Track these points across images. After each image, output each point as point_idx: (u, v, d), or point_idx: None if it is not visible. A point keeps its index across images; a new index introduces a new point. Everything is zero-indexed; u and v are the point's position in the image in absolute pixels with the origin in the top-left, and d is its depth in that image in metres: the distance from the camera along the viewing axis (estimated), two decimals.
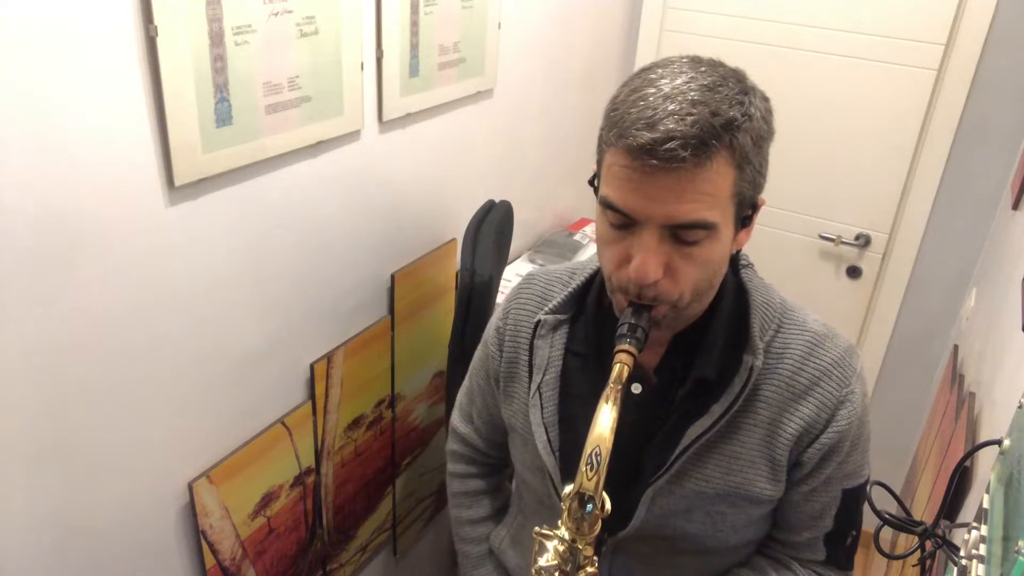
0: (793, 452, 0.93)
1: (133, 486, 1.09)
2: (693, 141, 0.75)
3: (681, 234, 0.80)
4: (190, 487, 1.17)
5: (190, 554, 1.22)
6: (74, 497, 1.01)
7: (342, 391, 1.45)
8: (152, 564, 1.16)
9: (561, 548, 0.81)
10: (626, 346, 0.81)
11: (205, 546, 1.22)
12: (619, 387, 0.79)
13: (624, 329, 0.82)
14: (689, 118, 0.76)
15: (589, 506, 0.77)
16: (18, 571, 0.97)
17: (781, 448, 0.92)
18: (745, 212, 0.85)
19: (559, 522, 0.81)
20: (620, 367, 0.80)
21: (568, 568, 0.82)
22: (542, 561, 0.81)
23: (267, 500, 1.33)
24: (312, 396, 1.38)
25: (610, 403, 0.78)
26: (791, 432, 0.91)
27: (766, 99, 0.84)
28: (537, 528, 0.83)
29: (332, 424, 1.45)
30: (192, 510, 1.18)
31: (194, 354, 1.13)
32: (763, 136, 0.82)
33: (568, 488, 0.78)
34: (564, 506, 0.79)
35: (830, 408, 0.91)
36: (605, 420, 0.77)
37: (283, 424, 1.32)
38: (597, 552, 0.84)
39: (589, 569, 0.82)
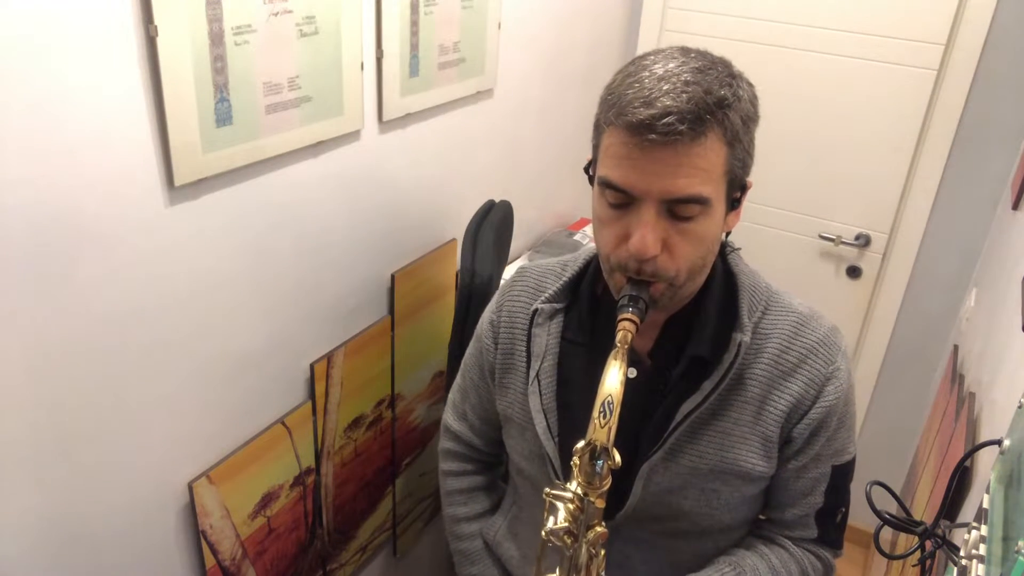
0: (784, 428, 0.96)
1: (133, 486, 1.09)
2: (689, 116, 0.79)
3: (677, 209, 0.84)
4: (190, 487, 1.17)
5: (190, 554, 1.22)
6: (74, 497, 1.01)
7: (342, 391, 1.45)
8: (152, 564, 1.16)
9: (572, 507, 0.82)
10: (628, 314, 0.84)
11: (205, 546, 1.22)
12: (625, 347, 0.82)
13: (625, 300, 0.86)
14: (684, 95, 0.80)
15: (600, 461, 0.79)
16: (18, 571, 0.97)
17: (772, 424, 0.95)
18: (735, 193, 0.89)
19: (570, 479, 0.83)
20: (624, 332, 0.83)
21: (577, 528, 0.83)
22: (551, 523, 0.83)
23: (267, 500, 1.33)
24: (312, 396, 1.38)
25: (618, 360, 0.81)
26: (781, 408, 0.95)
27: (751, 84, 0.88)
28: (547, 489, 0.84)
29: (332, 424, 1.45)
30: (192, 510, 1.18)
31: (194, 354, 1.13)
32: (751, 117, 0.86)
33: (580, 444, 0.80)
34: (575, 460, 0.81)
35: (818, 384, 0.95)
36: (614, 375, 0.80)
37: (283, 424, 1.32)
38: (607, 517, 0.86)
39: (599, 528, 0.83)
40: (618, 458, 0.80)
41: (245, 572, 1.33)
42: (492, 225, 1.57)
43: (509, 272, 1.89)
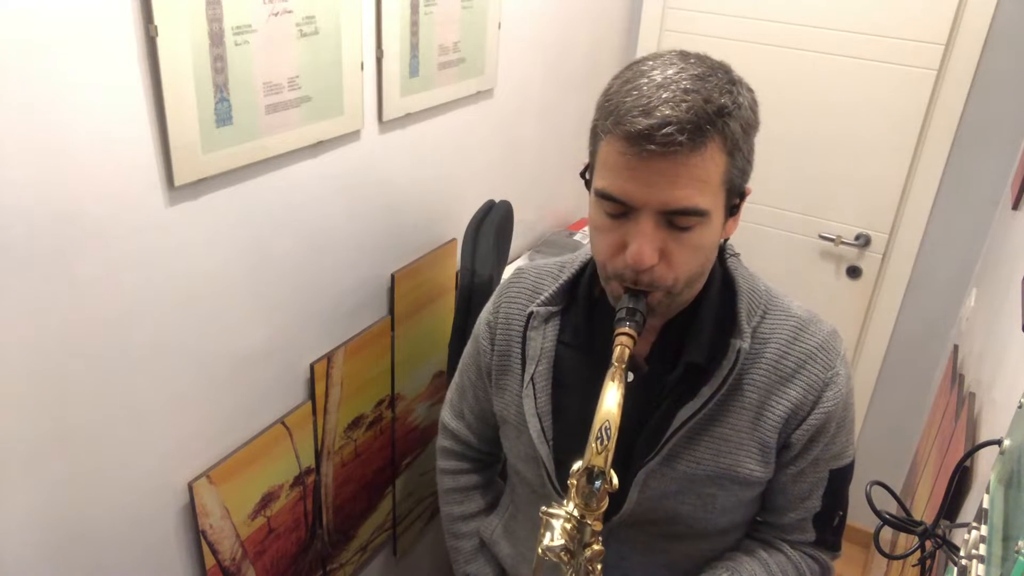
0: (782, 434, 0.96)
1: (133, 486, 1.09)
2: (689, 126, 0.77)
3: (675, 220, 0.83)
4: (190, 487, 1.17)
5: (190, 554, 1.22)
6: (74, 497, 1.01)
7: (342, 391, 1.46)
8: (152, 564, 1.16)
9: (569, 526, 0.82)
10: (626, 329, 0.84)
11: (205, 546, 1.22)
12: (622, 366, 0.81)
13: (623, 313, 0.85)
14: (683, 104, 0.78)
15: (597, 482, 0.79)
16: (18, 571, 0.97)
17: (770, 430, 0.95)
18: (734, 200, 0.88)
19: (566, 500, 0.83)
20: (621, 349, 0.83)
21: (574, 546, 0.83)
22: (547, 540, 0.82)
23: (267, 500, 1.33)
24: (312, 396, 1.38)
25: (615, 381, 0.80)
26: (779, 414, 0.94)
27: (751, 90, 0.87)
28: (544, 508, 0.84)
29: (332, 424, 1.45)
30: (192, 510, 1.18)
31: (194, 354, 1.13)
32: (751, 125, 0.85)
33: (576, 465, 0.80)
34: (572, 482, 0.81)
35: (816, 390, 0.94)
36: (612, 397, 0.79)
37: (283, 424, 1.32)
38: (603, 520, 0.86)
39: (595, 547, 0.83)
40: (616, 481, 0.80)
41: (245, 572, 1.33)
42: (492, 225, 1.57)
43: (509, 272, 1.89)
